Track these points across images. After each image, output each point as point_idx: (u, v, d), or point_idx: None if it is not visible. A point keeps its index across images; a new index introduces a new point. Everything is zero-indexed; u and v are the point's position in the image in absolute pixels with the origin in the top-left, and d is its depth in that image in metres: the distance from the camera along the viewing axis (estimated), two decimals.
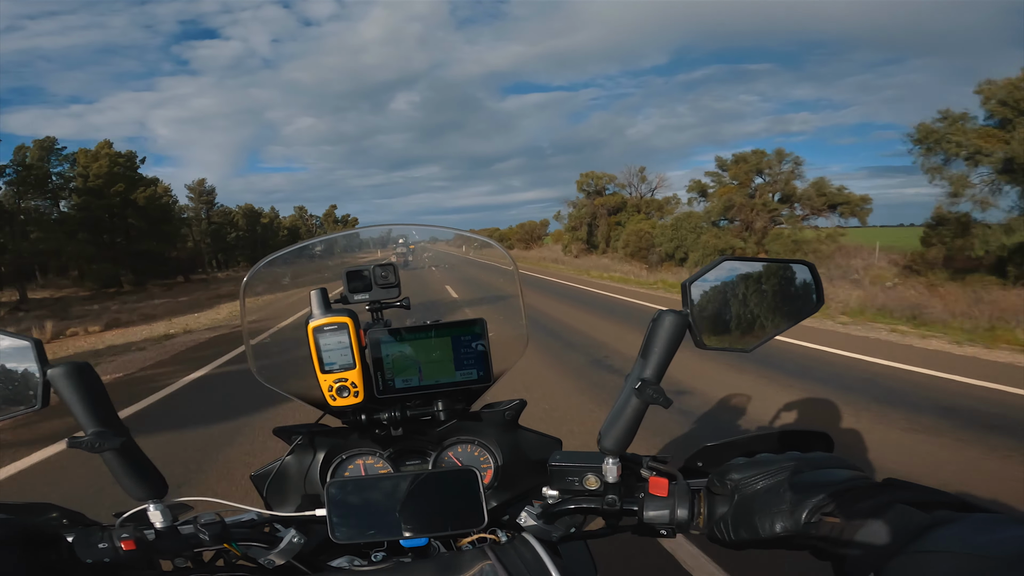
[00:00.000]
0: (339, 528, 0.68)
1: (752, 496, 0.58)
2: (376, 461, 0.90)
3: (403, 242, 1.45)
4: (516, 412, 0.92)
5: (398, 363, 0.82)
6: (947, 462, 3.03)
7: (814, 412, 3.98)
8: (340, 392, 0.77)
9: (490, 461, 0.91)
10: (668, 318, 0.63)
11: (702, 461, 0.71)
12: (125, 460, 0.61)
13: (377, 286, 0.87)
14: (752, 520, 0.56)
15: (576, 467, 0.70)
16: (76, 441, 0.58)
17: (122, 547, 0.59)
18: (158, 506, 0.62)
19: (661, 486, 0.65)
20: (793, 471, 0.57)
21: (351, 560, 0.75)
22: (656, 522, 0.64)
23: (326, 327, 0.76)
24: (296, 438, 0.87)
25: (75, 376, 0.59)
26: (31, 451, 3.78)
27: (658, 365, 0.63)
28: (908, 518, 0.45)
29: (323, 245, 1.00)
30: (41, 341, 0.60)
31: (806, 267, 0.67)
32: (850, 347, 6.03)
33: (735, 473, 0.60)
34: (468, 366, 0.83)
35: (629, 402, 0.64)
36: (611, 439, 0.65)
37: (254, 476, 0.88)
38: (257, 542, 0.68)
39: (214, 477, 3.21)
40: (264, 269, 0.87)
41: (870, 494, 0.50)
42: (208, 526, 0.63)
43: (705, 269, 0.64)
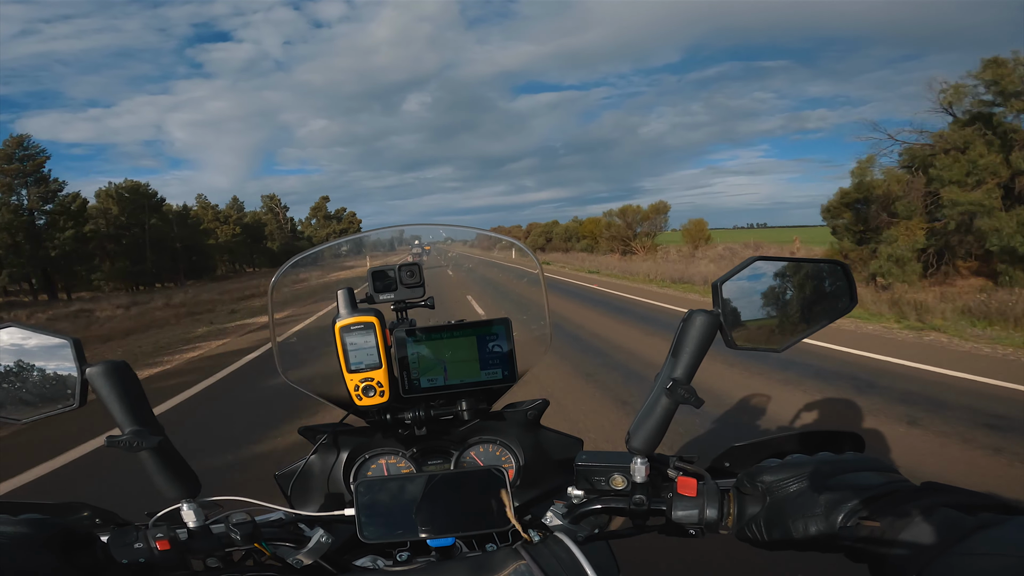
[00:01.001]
0: (367, 527, 0.68)
1: (785, 498, 0.57)
2: (399, 461, 0.91)
3: (418, 243, 1.46)
4: (539, 412, 0.92)
5: (424, 363, 0.82)
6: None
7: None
8: (366, 392, 0.78)
9: (512, 461, 0.91)
10: (699, 318, 0.63)
11: (729, 461, 0.71)
12: (161, 459, 0.61)
13: (402, 286, 0.87)
14: (785, 522, 0.56)
15: (603, 467, 0.69)
16: (114, 440, 0.59)
17: (157, 547, 0.59)
18: (191, 505, 0.63)
19: (690, 486, 0.64)
20: (827, 474, 0.56)
21: (374, 559, 0.75)
22: (685, 522, 0.64)
23: (353, 327, 0.76)
24: (320, 437, 0.87)
25: (113, 375, 0.60)
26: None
27: (689, 365, 0.63)
28: (953, 521, 0.44)
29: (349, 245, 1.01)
30: (80, 340, 0.60)
31: (839, 267, 0.66)
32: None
33: (767, 475, 0.60)
34: (493, 365, 0.83)
35: (659, 402, 0.63)
36: (640, 439, 0.65)
37: (278, 475, 0.89)
38: (286, 542, 0.68)
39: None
40: (290, 270, 0.88)
41: (911, 498, 0.49)
42: (240, 526, 0.63)
43: (736, 269, 0.64)
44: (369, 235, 1.13)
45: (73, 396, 0.60)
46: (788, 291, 0.66)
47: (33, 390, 0.61)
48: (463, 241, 1.23)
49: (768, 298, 0.65)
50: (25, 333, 0.62)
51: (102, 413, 0.59)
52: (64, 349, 0.60)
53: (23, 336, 0.62)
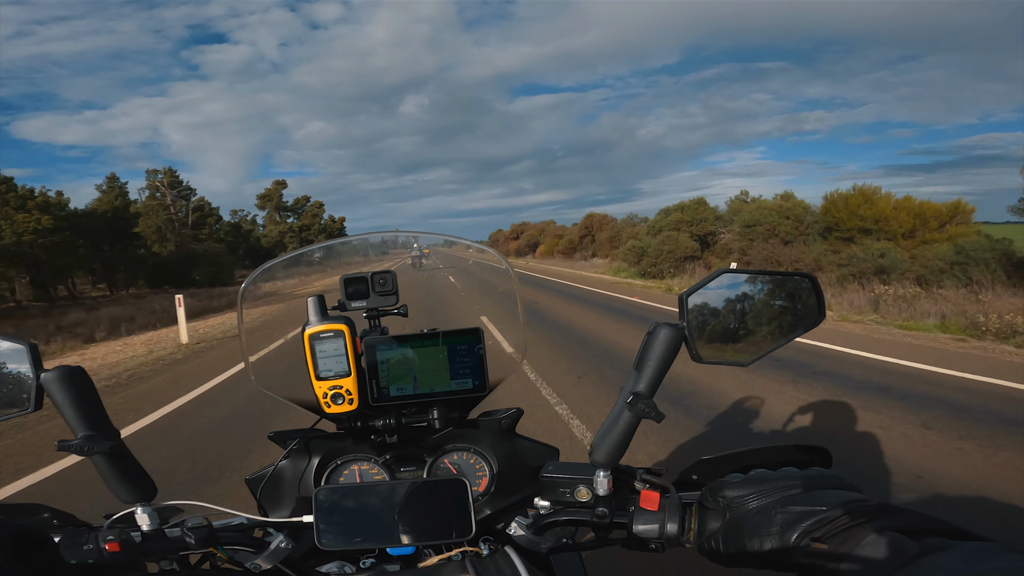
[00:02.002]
0: (325, 534, 0.68)
1: (744, 515, 0.57)
2: (372, 467, 0.90)
3: (417, 246, 1.46)
4: (513, 421, 0.92)
5: (393, 371, 0.81)
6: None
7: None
8: (335, 399, 0.77)
9: (486, 469, 0.91)
10: (663, 331, 0.62)
11: (697, 474, 0.70)
12: (114, 464, 0.61)
13: (375, 293, 0.87)
14: (742, 540, 0.55)
15: (568, 478, 0.69)
16: (65, 445, 0.59)
17: (106, 548, 0.60)
18: (146, 509, 0.63)
19: (652, 500, 0.64)
20: (787, 491, 0.56)
21: (342, 566, 0.75)
22: (646, 536, 0.63)
23: (322, 334, 0.76)
24: (291, 443, 0.87)
25: (68, 380, 0.60)
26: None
27: (652, 379, 0.62)
28: (897, 546, 0.44)
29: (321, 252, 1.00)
30: (36, 345, 0.61)
31: (807, 280, 0.65)
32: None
33: (729, 490, 0.59)
34: (464, 375, 0.83)
35: (621, 415, 0.63)
36: (602, 452, 0.64)
37: (249, 480, 0.89)
38: (245, 546, 0.68)
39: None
40: (262, 277, 0.88)
41: (861, 519, 0.48)
42: (195, 530, 0.63)
43: (703, 281, 0.63)
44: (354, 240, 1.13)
45: (29, 400, 0.60)
46: (756, 304, 0.65)
47: None
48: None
49: (736, 311, 0.65)
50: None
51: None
52: (20, 354, 0.60)
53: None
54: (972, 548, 0.41)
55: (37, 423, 4.46)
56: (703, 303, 0.63)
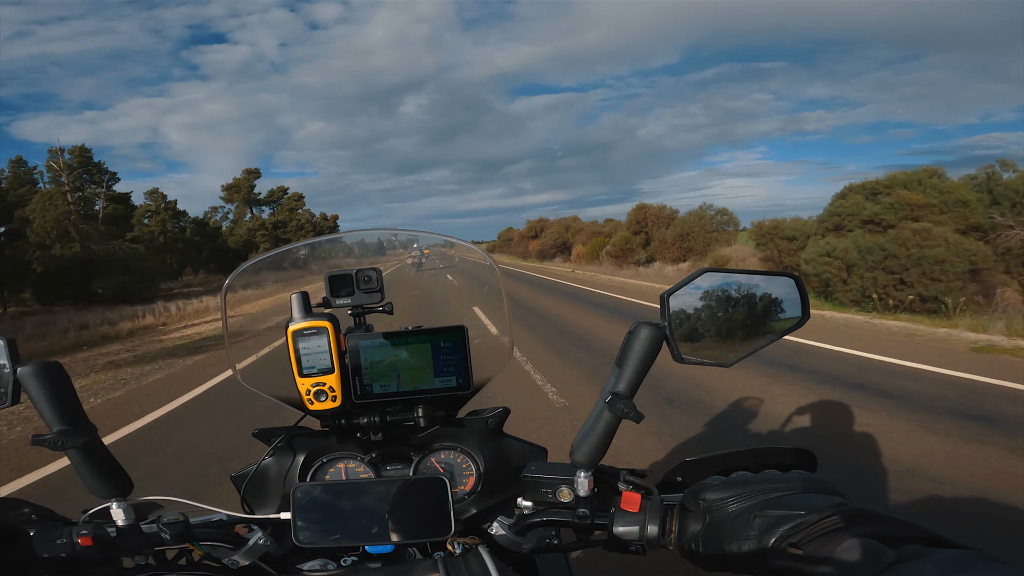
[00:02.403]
0: (303, 531, 0.68)
1: (723, 519, 0.56)
2: (358, 465, 0.90)
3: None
4: (500, 420, 0.91)
5: (376, 369, 0.81)
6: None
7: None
8: (318, 396, 0.77)
9: (472, 468, 0.90)
10: (644, 330, 0.61)
11: (682, 476, 0.69)
12: (88, 459, 0.61)
13: (360, 291, 0.87)
14: (721, 543, 0.54)
15: (550, 479, 0.68)
16: (40, 439, 0.59)
17: (79, 543, 0.60)
18: (121, 504, 0.63)
19: (633, 501, 0.63)
20: (766, 494, 0.55)
21: (325, 564, 0.74)
22: (626, 537, 0.62)
23: (306, 331, 0.76)
24: (275, 440, 0.87)
25: (44, 375, 0.60)
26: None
27: (631, 379, 0.61)
28: (873, 552, 0.43)
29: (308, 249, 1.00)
30: (15, 340, 0.61)
31: (791, 279, 0.64)
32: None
33: (709, 493, 0.58)
34: (448, 373, 0.82)
35: (601, 416, 0.62)
36: (582, 452, 0.64)
37: (234, 477, 0.88)
38: (222, 542, 0.68)
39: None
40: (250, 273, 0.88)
41: (838, 525, 0.48)
42: (170, 525, 0.63)
43: (685, 280, 0.62)
44: (344, 239, 1.13)
45: (6, 395, 0.60)
46: (739, 304, 0.64)
47: None
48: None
49: (718, 311, 0.64)
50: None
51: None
52: None
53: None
54: (950, 556, 0.41)
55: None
56: (685, 302, 0.63)
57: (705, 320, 0.64)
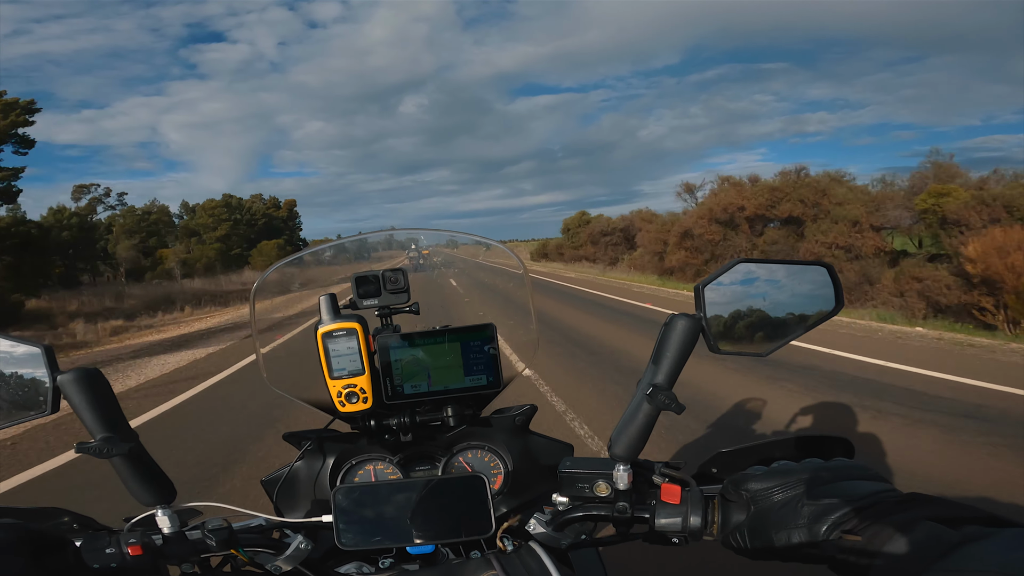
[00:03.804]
0: (345, 534, 0.68)
1: (769, 508, 0.56)
2: (386, 467, 0.90)
3: (415, 247, 1.45)
4: (527, 417, 0.91)
5: (407, 369, 0.81)
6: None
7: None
8: (349, 398, 0.77)
9: (500, 467, 0.90)
10: (681, 322, 0.61)
11: (716, 467, 0.69)
12: (133, 466, 0.61)
13: (386, 291, 0.87)
14: (769, 533, 0.54)
15: (586, 473, 0.68)
16: (84, 447, 0.58)
17: (129, 552, 0.59)
18: (166, 511, 0.63)
19: (674, 493, 0.63)
20: (812, 483, 0.55)
21: (360, 567, 0.74)
22: (668, 530, 0.62)
23: (335, 333, 0.76)
24: (306, 443, 0.86)
25: (84, 382, 0.59)
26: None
27: (670, 370, 0.61)
28: (936, 535, 0.43)
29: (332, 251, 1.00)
30: (52, 347, 0.60)
31: (824, 268, 0.65)
32: None
33: (752, 483, 0.58)
34: (478, 372, 0.82)
35: (640, 408, 0.62)
36: (622, 445, 0.64)
37: (265, 481, 0.88)
38: (264, 548, 0.68)
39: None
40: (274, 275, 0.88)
41: (894, 510, 0.47)
42: (215, 532, 0.63)
43: (719, 271, 0.63)
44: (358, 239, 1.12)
45: (45, 403, 0.60)
46: (773, 294, 0.65)
47: (5, 397, 0.61)
48: (460, 246, 1.20)
49: (752, 301, 0.64)
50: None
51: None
52: (36, 357, 0.60)
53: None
54: (1013, 534, 0.41)
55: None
56: (720, 294, 0.63)
57: (740, 310, 0.64)
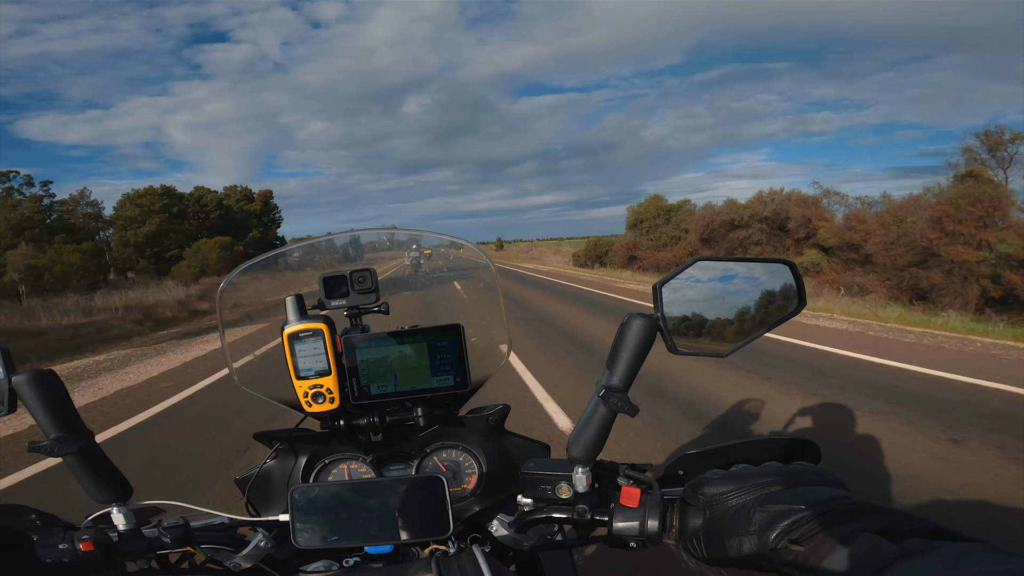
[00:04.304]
0: (301, 533, 0.68)
1: (723, 514, 0.54)
2: (360, 466, 0.90)
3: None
4: (500, 417, 0.91)
5: (373, 369, 0.81)
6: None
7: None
8: (315, 398, 0.77)
9: (475, 467, 0.90)
10: (637, 322, 0.60)
11: (683, 469, 0.68)
12: (86, 464, 0.62)
13: (354, 291, 0.86)
14: (722, 539, 0.53)
15: (549, 475, 0.67)
16: (36, 446, 0.60)
17: (81, 548, 0.60)
18: (121, 509, 0.64)
19: (632, 496, 0.62)
20: (767, 488, 0.53)
21: (329, 565, 0.74)
22: (625, 533, 0.61)
23: (301, 333, 0.76)
24: (276, 443, 0.87)
25: (39, 383, 0.61)
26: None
27: (626, 372, 0.60)
28: (875, 549, 0.42)
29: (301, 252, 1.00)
30: (8, 349, 0.61)
31: (786, 266, 0.63)
32: None
33: (709, 487, 0.57)
34: (445, 372, 0.82)
35: (596, 410, 0.61)
36: (579, 448, 0.63)
37: (238, 479, 0.89)
38: (224, 545, 0.68)
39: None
40: (243, 276, 0.88)
41: (839, 520, 0.46)
42: (170, 529, 0.64)
43: (677, 270, 0.61)
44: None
45: (2, 404, 0.61)
46: (734, 293, 0.63)
47: None
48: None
49: (713, 300, 0.62)
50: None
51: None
52: None
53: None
54: (955, 550, 0.39)
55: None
56: (678, 293, 0.61)
57: (700, 310, 0.62)
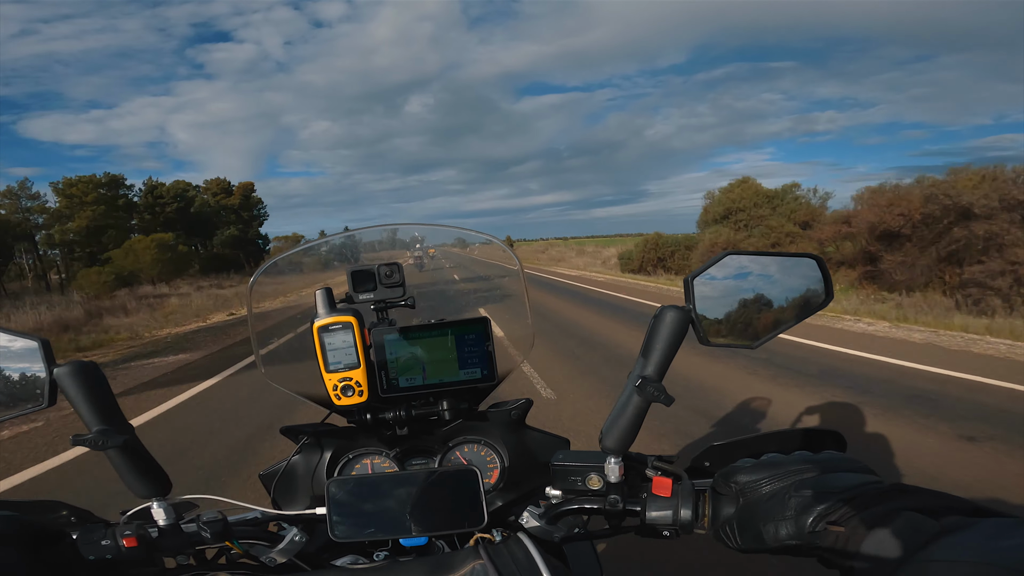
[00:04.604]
0: (338, 526, 0.68)
1: (757, 501, 0.56)
2: (383, 460, 0.90)
3: (420, 246, 1.45)
4: (523, 412, 0.92)
5: (402, 362, 0.82)
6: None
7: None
8: (344, 391, 0.78)
9: (496, 461, 0.91)
10: (670, 314, 0.61)
11: (709, 461, 0.69)
12: (128, 458, 0.62)
13: (382, 285, 0.87)
14: (756, 526, 0.55)
15: (579, 467, 0.68)
16: (80, 439, 0.59)
17: (124, 544, 0.60)
18: (161, 504, 0.63)
19: (664, 486, 0.63)
20: (799, 475, 0.55)
21: (355, 559, 0.75)
22: (658, 523, 0.63)
23: (331, 326, 0.76)
24: (303, 438, 0.87)
25: (80, 375, 0.60)
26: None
27: (660, 362, 0.62)
28: (916, 526, 0.43)
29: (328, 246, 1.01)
30: (49, 341, 0.61)
31: (814, 260, 0.65)
32: None
33: (741, 475, 0.59)
34: (472, 365, 0.83)
35: (631, 400, 0.63)
36: (612, 438, 0.64)
37: (262, 475, 0.89)
38: (259, 540, 0.69)
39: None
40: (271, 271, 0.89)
41: (876, 501, 0.48)
42: (210, 524, 0.63)
43: (708, 263, 0.63)
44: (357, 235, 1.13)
45: (42, 396, 0.60)
46: (762, 286, 0.65)
47: (3, 390, 0.62)
48: (465, 246, 1.19)
49: (742, 293, 0.64)
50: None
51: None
52: (33, 350, 0.61)
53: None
54: (992, 524, 0.41)
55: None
56: (709, 286, 0.63)
57: (729, 302, 0.64)
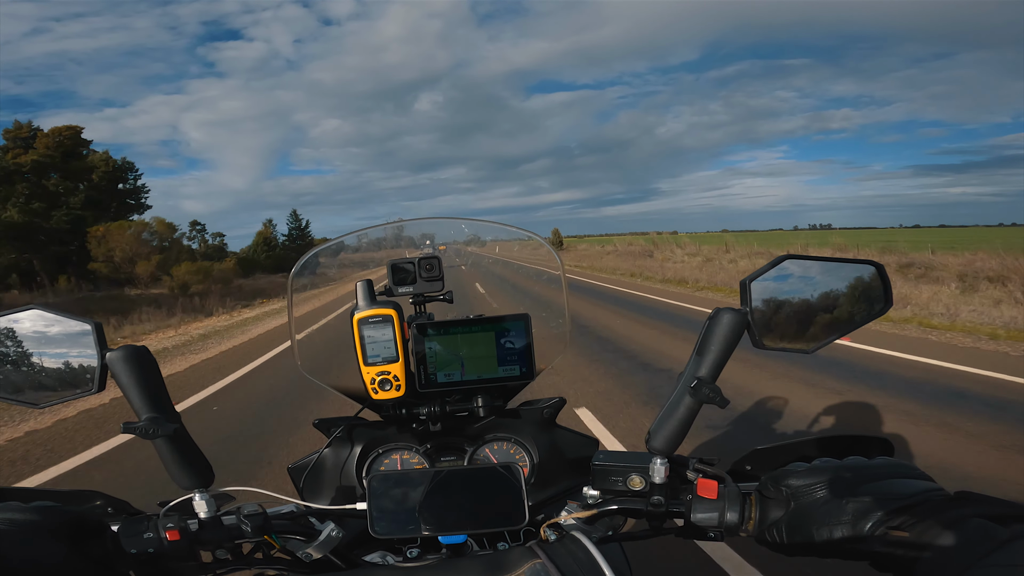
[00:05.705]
0: (379, 522, 0.68)
1: (811, 504, 0.56)
2: (412, 456, 0.90)
3: (430, 244, 1.44)
4: (555, 410, 0.91)
5: (441, 357, 0.81)
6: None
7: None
8: (382, 385, 0.77)
9: (526, 459, 0.90)
10: (726, 316, 0.61)
11: (751, 464, 0.69)
12: (175, 448, 0.60)
13: (421, 279, 0.87)
14: (809, 529, 0.54)
15: (620, 467, 0.68)
16: (130, 426, 0.58)
17: (167, 537, 0.59)
18: (203, 495, 0.62)
19: (710, 488, 0.63)
20: (856, 480, 0.55)
21: (384, 555, 0.74)
22: (705, 524, 0.62)
23: (371, 319, 0.75)
24: (335, 430, 0.87)
25: (132, 360, 0.59)
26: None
27: (714, 364, 0.61)
28: (986, 531, 0.43)
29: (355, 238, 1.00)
30: (101, 324, 0.60)
31: (873, 267, 0.64)
32: None
33: (793, 479, 0.58)
34: (511, 362, 0.82)
35: (682, 401, 0.62)
36: (661, 439, 0.64)
37: (291, 468, 0.89)
38: (296, 534, 0.67)
39: None
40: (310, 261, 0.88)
41: (944, 507, 0.47)
42: (250, 517, 0.62)
43: (766, 267, 0.62)
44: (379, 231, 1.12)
45: (92, 381, 0.59)
46: (819, 291, 0.64)
47: (53, 374, 0.61)
48: (481, 245, 1.17)
49: (798, 298, 0.64)
50: (47, 317, 0.61)
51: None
52: (85, 334, 0.60)
53: (45, 320, 0.61)
54: None
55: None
56: (766, 289, 0.62)
57: (786, 306, 0.64)
